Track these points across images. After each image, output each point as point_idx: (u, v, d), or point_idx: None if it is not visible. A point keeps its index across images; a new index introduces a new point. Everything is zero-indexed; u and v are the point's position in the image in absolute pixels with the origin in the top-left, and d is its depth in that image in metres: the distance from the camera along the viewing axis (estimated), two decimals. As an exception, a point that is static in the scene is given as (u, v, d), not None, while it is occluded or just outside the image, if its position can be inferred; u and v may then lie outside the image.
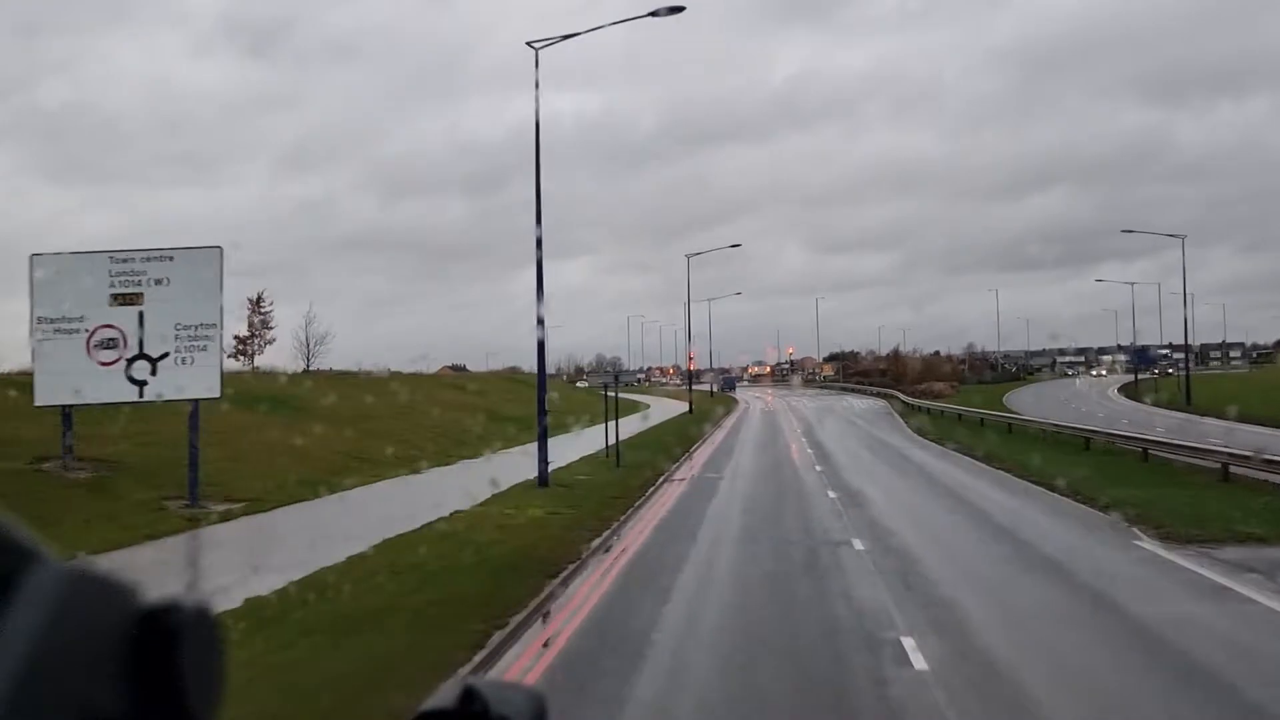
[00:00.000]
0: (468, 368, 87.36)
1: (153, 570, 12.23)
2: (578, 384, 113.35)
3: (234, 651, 0.79)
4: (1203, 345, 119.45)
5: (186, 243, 18.95)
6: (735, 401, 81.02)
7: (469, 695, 0.89)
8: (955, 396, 76.09)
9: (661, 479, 23.84)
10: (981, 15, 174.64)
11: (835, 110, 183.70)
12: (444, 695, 0.90)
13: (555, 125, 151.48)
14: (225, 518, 17.08)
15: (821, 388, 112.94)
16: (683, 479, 24.41)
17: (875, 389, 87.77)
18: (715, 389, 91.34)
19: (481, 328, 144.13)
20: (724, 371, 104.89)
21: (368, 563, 12.77)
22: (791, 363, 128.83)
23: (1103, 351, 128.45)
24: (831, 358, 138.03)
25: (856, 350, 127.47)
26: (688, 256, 60.30)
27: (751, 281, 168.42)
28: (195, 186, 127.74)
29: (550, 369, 35.42)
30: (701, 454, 31.88)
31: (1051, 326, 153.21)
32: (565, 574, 12.37)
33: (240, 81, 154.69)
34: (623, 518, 17.87)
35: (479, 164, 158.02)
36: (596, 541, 14.97)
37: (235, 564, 13.25)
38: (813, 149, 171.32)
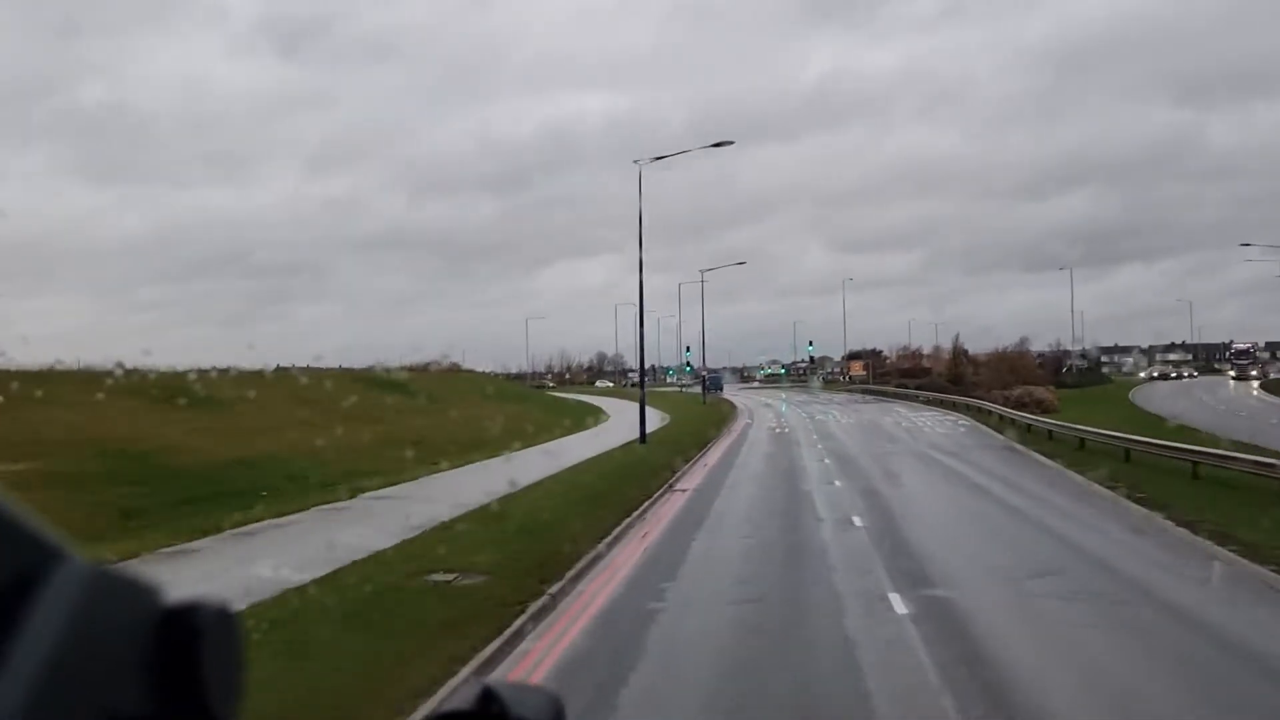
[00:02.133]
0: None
1: None
2: (597, 384, 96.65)
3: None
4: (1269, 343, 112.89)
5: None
6: (732, 412, 54.94)
7: (487, 696, 0.87)
8: (1062, 409, 49.50)
9: None
10: (1013, 16, 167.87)
11: (863, 110, 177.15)
12: (462, 696, 0.88)
13: (583, 124, 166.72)
14: None
15: (850, 391, 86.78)
16: None
17: (932, 395, 61.57)
18: (705, 392, 66.36)
19: (501, 327, 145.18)
20: (715, 371, 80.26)
21: None
22: (812, 359, 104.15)
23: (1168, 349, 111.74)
24: (853, 356, 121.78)
25: (879, 349, 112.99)
26: (640, 164, 33.86)
27: (771, 281, 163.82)
28: (225, 186, 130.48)
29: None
30: None
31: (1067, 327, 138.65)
32: None
33: (274, 81, 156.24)
34: None
35: (504, 163, 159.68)
36: None
37: None
38: (839, 148, 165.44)
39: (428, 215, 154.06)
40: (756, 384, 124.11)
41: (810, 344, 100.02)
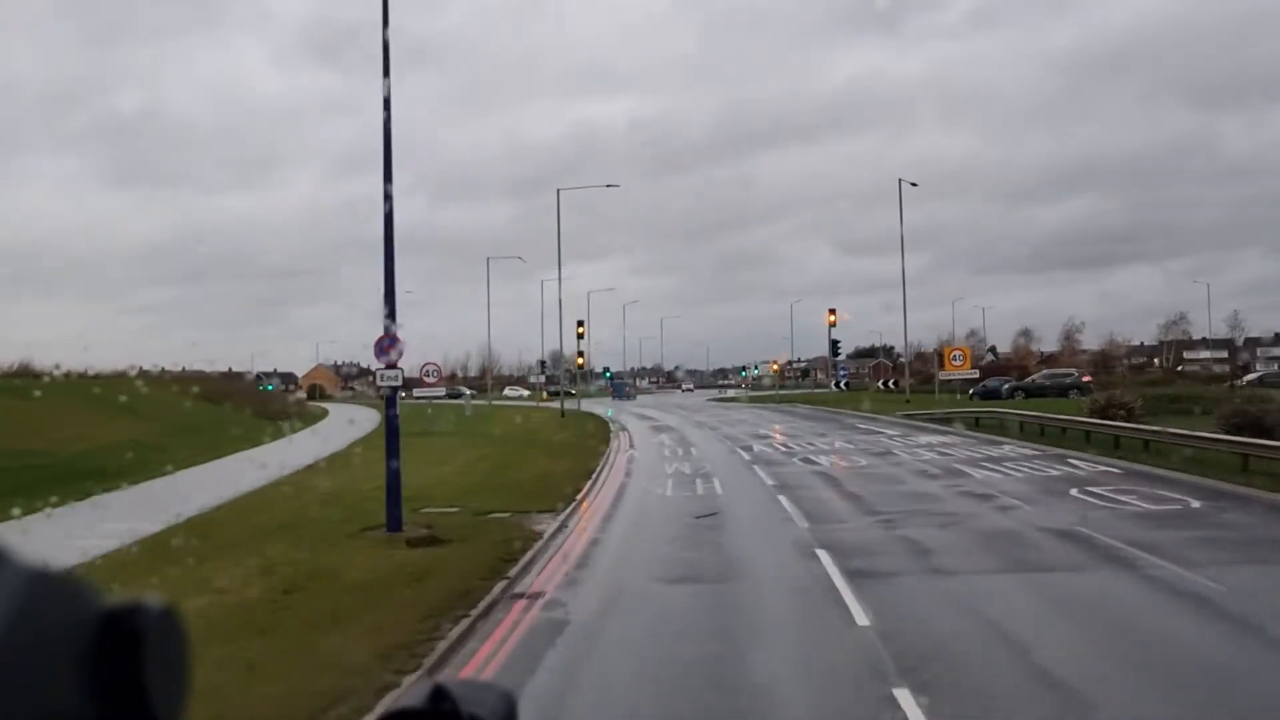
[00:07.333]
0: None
1: None
2: (506, 390, 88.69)
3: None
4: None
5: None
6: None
7: (438, 694, 0.87)
8: None
9: None
10: (1036, 24, 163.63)
11: (882, 116, 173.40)
12: (413, 694, 0.89)
13: (609, 129, 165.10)
14: None
15: (935, 420, 37.65)
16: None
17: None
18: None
19: (500, 328, 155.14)
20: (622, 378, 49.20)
21: None
22: (835, 345, 69.78)
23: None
24: (862, 354, 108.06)
25: (891, 345, 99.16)
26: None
27: (778, 283, 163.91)
28: (250, 190, 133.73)
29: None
30: None
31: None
32: None
33: (309, 87, 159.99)
34: None
35: (526, 167, 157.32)
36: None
37: None
38: (856, 153, 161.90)
39: (446, 218, 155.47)
40: (732, 393, 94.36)
41: (833, 319, 53.22)
